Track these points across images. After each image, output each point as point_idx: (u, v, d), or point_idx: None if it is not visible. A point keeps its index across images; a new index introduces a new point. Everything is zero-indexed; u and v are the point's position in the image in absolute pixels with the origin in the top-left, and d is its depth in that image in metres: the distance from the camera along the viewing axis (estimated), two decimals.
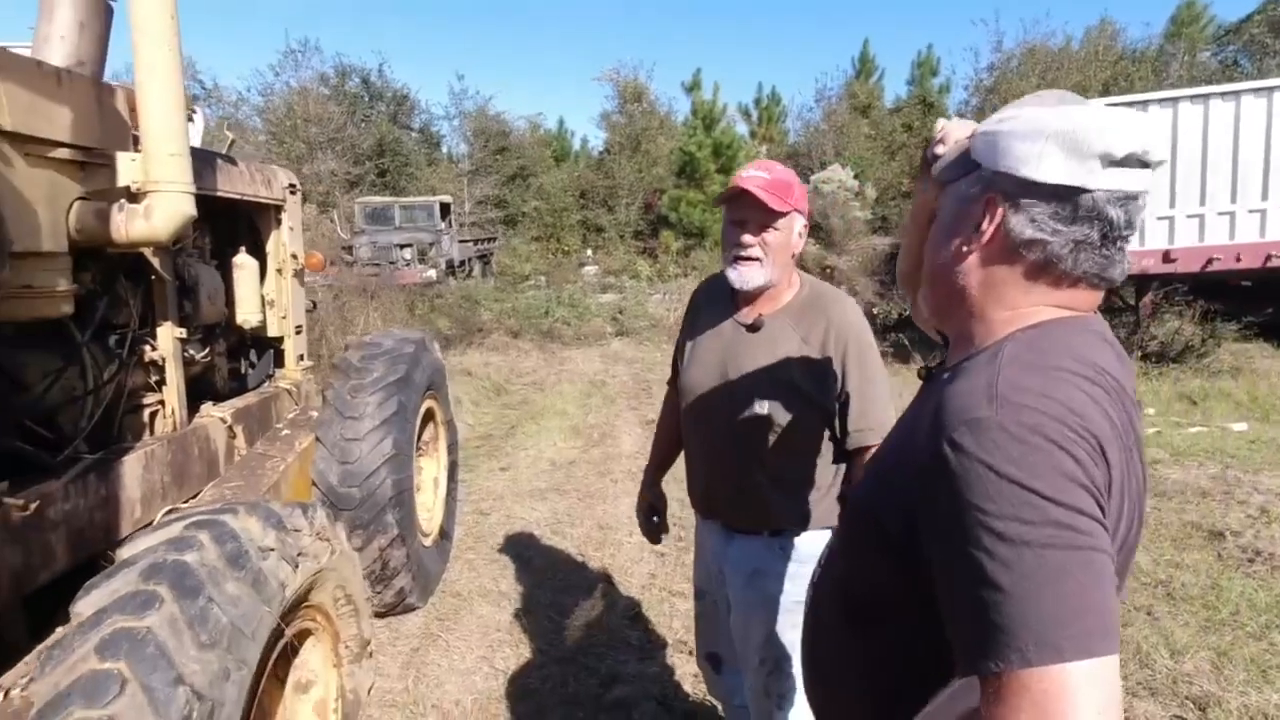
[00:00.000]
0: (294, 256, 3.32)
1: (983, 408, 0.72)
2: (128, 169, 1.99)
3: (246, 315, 2.87)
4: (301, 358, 3.46)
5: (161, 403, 2.41)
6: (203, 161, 2.58)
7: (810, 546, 1.67)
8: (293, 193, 3.32)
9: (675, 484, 1.96)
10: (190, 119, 3.01)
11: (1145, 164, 0.77)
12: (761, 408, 1.62)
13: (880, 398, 1.65)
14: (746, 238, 1.60)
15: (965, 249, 0.84)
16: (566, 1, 59.32)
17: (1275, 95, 6.53)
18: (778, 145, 24.68)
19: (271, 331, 3.23)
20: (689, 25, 57.42)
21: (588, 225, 22.43)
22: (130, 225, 1.98)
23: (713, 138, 20.16)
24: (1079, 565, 0.65)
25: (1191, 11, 20.65)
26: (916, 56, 23.86)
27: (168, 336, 2.38)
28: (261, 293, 3.03)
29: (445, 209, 15.88)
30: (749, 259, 1.61)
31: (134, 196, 2.00)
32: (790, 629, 1.66)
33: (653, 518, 2.03)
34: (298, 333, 3.41)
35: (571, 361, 8.99)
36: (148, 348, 2.33)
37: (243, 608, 1.49)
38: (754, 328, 1.66)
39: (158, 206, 1.99)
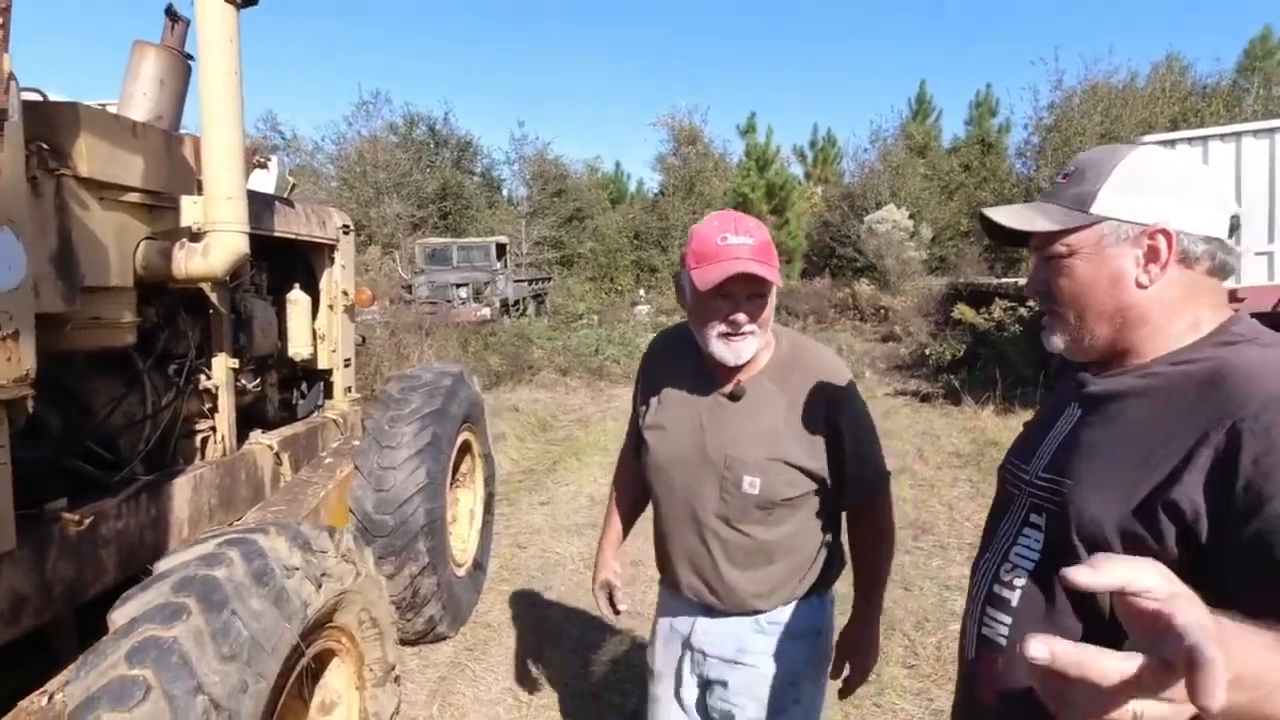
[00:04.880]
0: (345, 293, 3.50)
1: None
2: (190, 211, 2.17)
3: (298, 348, 3.03)
4: (349, 390, 3.61)
5: (213, 429, 2.56)
6: (261, 204, 2.77)
7: (797, 619, 1.54)
8: (346, 233, 3.52)
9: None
10: (265, 166, 3.27)
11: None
12: (751, 487, 1.45)
13: (877, 444, 1.56)
14: (740, 317, 1.39)
15: (1144, 280, 0.93)
16: (624, 50, 61.19)
17: None
18: (833, 186, 24.70)
19: (321, 364, 3.39)
20: (744, 70, 58.41)
21: (641, 265, 22.74)
22: (189, 262, 2.15)
23: (766, 179, 20.35)
24: None
25: (1266, 46, 19.96)
26: (975, 97, 23.70)
27: (222, 367, 2.54)
28: (313, 327, 3.20)
29: (501, 249, 16.36)
30: (743, 335, 1.41)
31: (195, 236, 2.17)
32: (776, 713, 1.53)
33: (610, 597, 1.84)
34: (346, 366, 3.57)
35: (618, 399, 9.05)
36: (203, 377, 2.48)
37: (264, 623, 1.56)
38: (735, 396, 1.48)
39: (215, 245, 2.15)
